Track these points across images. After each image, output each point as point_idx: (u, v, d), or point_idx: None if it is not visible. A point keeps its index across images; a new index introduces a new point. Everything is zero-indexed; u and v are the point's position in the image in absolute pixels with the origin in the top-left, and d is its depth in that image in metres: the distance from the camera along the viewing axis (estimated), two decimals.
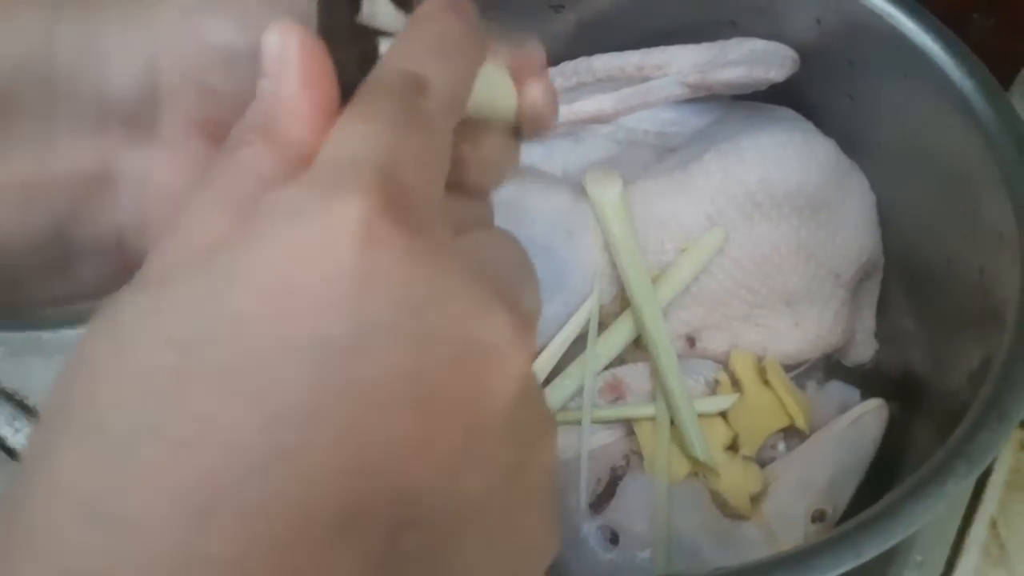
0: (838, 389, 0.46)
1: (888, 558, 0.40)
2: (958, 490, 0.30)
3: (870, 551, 0.29)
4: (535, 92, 0.22)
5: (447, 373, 0.15)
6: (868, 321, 0.49)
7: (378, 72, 0.18)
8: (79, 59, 0.20)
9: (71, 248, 0.21)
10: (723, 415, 0.44)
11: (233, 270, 0.15)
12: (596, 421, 0.43)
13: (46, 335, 0.48)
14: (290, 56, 0.18)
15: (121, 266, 0.22)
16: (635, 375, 0.45)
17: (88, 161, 0.21)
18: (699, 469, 0.42)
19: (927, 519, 0.29)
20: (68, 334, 0.48)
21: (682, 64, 0.46)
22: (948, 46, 0.42)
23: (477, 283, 0.16)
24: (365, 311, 0.15)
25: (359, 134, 0.16)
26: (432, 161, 0.17)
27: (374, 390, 0.14)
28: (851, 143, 0.47)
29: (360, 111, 0.17)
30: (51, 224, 0.21)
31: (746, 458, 0.43)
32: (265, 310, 0.14)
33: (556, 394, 0.44)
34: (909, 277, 0.48)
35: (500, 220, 0.22)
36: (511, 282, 0.18)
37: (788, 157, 0.45)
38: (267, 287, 0.14)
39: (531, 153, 0.49)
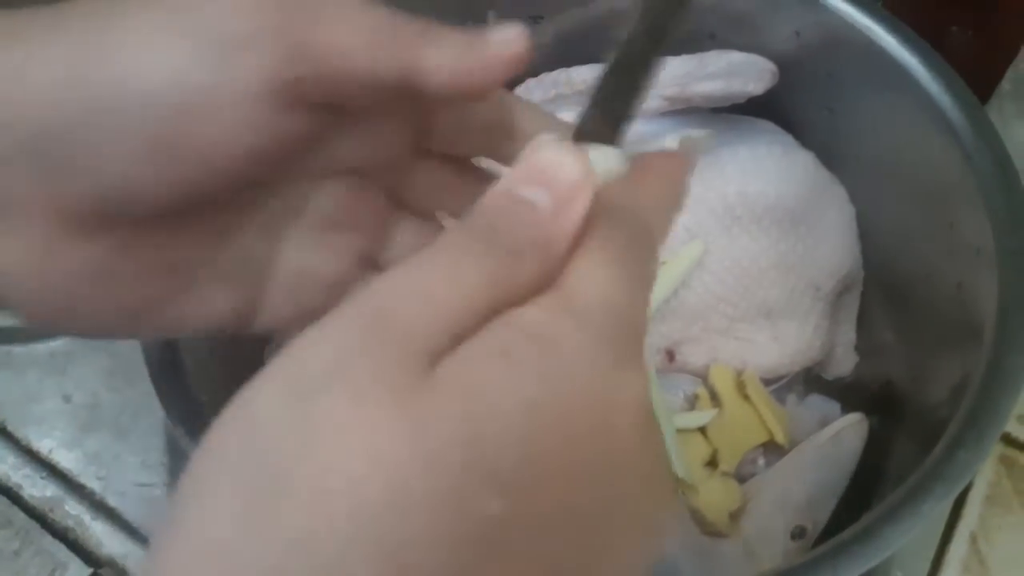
0: (818, 403, 0.46)
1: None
2: (935, 511, 0.30)
3: (848, 574, 0.29)
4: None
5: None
6: (848, 334, 0.48)
7: (624, 215, 0.19)
8: None
9: None
10: (702, 430, 0.43)
11: (550, 409, 0.16)
12: None
13: (16, 349, 0.47)
14: (586, 190, 0.18)
15: None
16: None
17: None
18: (678, 486, 0.42)
19: (904, 541, 0.29)
20: (38, 348, 0.47)
21: (661, 77, 0.46)
22: (926, 60, 0.41)
23: None
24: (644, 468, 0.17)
25: (624, 285, 0.18)
26: None
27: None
28: (830, 156, 0.47)
29: (622, 255, 0.18)
30: None
31: (725, 474, 0.42)
32: (598, 456, 0.16)
33: None
34: (889, 290, 0.47)
35: None
36: None
37: (767, 170, 0.45)
38: (591, 431, 0.16)
39: None
